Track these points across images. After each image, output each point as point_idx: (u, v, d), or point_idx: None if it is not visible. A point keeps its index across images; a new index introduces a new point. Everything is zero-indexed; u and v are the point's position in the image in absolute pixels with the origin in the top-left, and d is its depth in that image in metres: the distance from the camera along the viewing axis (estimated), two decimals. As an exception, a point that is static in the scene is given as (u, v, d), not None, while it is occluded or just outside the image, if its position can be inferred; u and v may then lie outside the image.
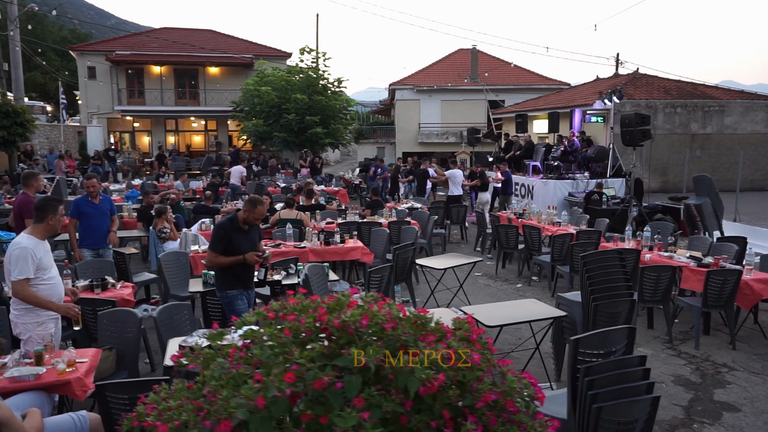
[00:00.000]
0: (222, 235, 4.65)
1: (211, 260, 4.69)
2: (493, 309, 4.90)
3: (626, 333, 3.03)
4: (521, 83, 29.47)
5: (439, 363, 2.07)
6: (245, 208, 4.72)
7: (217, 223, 4.63)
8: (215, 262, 4.68)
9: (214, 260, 4.68)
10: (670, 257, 6.66)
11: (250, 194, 4.76)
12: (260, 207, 4.74)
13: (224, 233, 4.65)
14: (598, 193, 13.20)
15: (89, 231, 6.70)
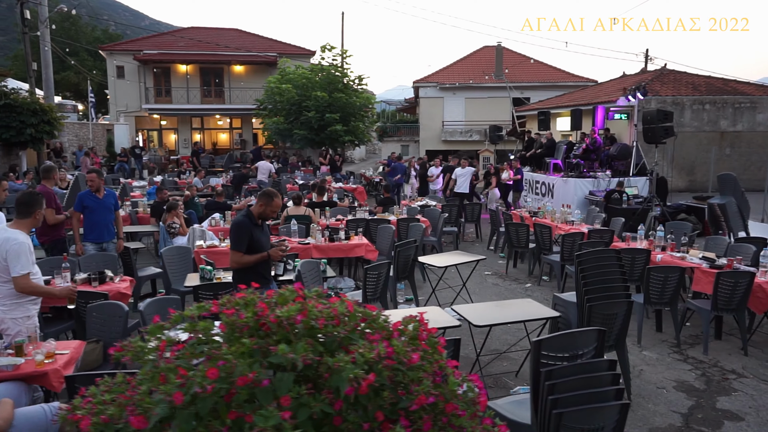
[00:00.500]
0: (244, 232, 4.50)
1: (237, 260, 4.51)
2: (486, 308, 4.76)
3: (595, 335, 2.87)
4: (546, 80, 28.99)
5: (372, 362, 1.98)
6: (261, 202, 4.60)
7: (237, 222, 4.51)
8: (242, 262, 4.51)
9: (240, 260, 4.50)
10: (682, 258, 6.40)
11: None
12: (276, 200, 4.64)
13: (246, 231, 4.50)
14: (619, 192, 12.84)
15: (92, 225, 6.74)
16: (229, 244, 7.44)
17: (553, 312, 4.50)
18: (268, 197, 4.61)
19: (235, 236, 4.53)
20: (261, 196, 4.67)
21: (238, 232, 4.52)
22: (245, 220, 4.55)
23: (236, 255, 4.51)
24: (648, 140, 12.20)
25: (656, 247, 6.92)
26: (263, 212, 4.60)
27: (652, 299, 5.69)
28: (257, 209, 4.61)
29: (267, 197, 4.61)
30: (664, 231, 7.14)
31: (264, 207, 4.59)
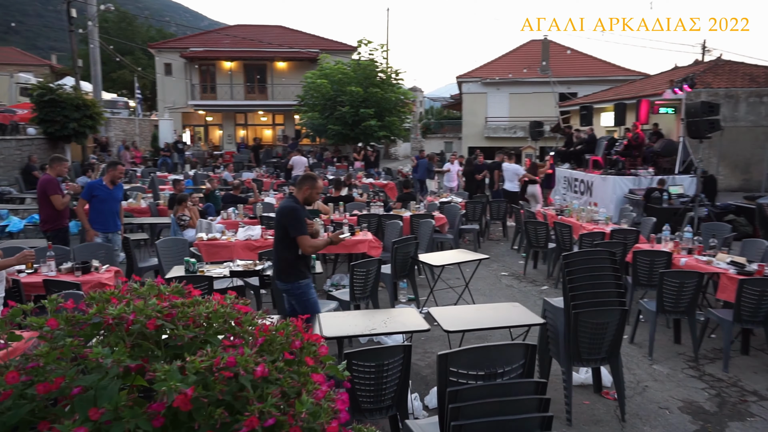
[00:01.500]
0: (303, 217, 4.31)
1: (312, 245, 4.30)
2: (464, 312, 4.35)
3: (522, 351, 2.43)
4: (594, 74, 27.76)
5: (205, 373, 1.67)
6: (306, 186, 4.39)
7: (291, 207, 4.26)
8: (315, 246, 4.35)
9: (313, 244, 4.32)
10: (707, 262, 5.75)
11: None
12: (320, 181, 4.52)
13: (303, 214, 4.33)
14: (659, 191, 11.97)
15: (98, 214, 6.74)
16: (242, 237, 7.38)
17: (538, 319, 4.05)
18: (312, 180, 4.43)
19: (297, 221, 4.23)
20: (304, 179, 4.45)
21: (298, 216, 4.25)
22: (298, 205, 4.34)
23: (307, 239, 4.26)
24: (692, 135, 11.32)
25: (682, 249, 6.27)
26: (309, 196, 4.42)
27: (666, 307, 5.11)
28: (303, 194, 4.39)
29: (311, 180, 4.43)
30: (692, 232, 6.47)
31: (309, 191, 4.39)
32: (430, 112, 59.33)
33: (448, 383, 2.20)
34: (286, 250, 4.33)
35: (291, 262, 4.34)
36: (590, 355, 3.97)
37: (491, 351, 2.40)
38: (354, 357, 3.05)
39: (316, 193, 4.48)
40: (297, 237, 4.24)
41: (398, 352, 3.13)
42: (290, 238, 4.26)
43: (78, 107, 17.23)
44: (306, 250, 4.29)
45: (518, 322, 4.06)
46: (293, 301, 4.46)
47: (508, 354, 2.41)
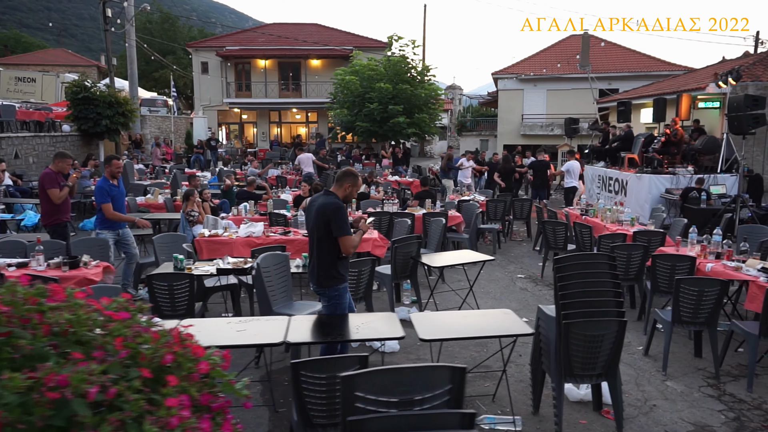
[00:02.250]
0: (347, 215, 4.11)
1: (354, 244, 4.09)
2: (447, 319, 3.99)
3: (448, 375, 2.03)
4: (636, 69, 26.59)
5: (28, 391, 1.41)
6: (348, 183, 4.16)
7: (337, 205, 4.01)
8: (356, 244, 4.15)
9: (355, 243, 4.11)
10: (736, 268, 5.19)
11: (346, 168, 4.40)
12: (360, 177, 4.38)
13: (346, 213, 4.12)
14: (698, 190, 11.20)
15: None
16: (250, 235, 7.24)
17: (527, 329, 3.64)
18: (353, 176, 4.23)
19: (343, 220, 4.00)
20: (345, 175, 4.20)
21: (344, 215, 4.02)
22: (341, 203, 4.10)
23: (351, 240, 4.03)
24: (734, 130, 10.50)
25: (710, 254, 5.71)
26: (349, 194, 4.22)
27: (683, 317, 4.60)
28: (343, 191, 4.16)
29: (353, 176, 4.23)
30: (721, 235, 5.88)
31: (351, 188, 4.20)
32: (469, 110, 58.54)
33: (354, 410, 1.86)
34: (327, 251, 4.05)
35: (332, 264, 4.08)
36: (584, 371, 3.55)
37: (406, 373, 2.02)
38: (302, 367, 2.75)
39: (356, 190, 4.30)
40: (340, 237, 3.99)
41: (353, 363, 2.81)
42: (333, 238, 4.00)
43: (111, 105, 17.55)
44: (348, 251, 4.04)
45: (504, 331, 3.67)
46: (324, 303, 4.21)
47: (428, 378, 2.04)
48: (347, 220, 4.04)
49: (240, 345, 3.48)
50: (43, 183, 6.78)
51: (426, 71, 20.96)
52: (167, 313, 4.80)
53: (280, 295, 4.98)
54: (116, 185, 6.73)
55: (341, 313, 4.11)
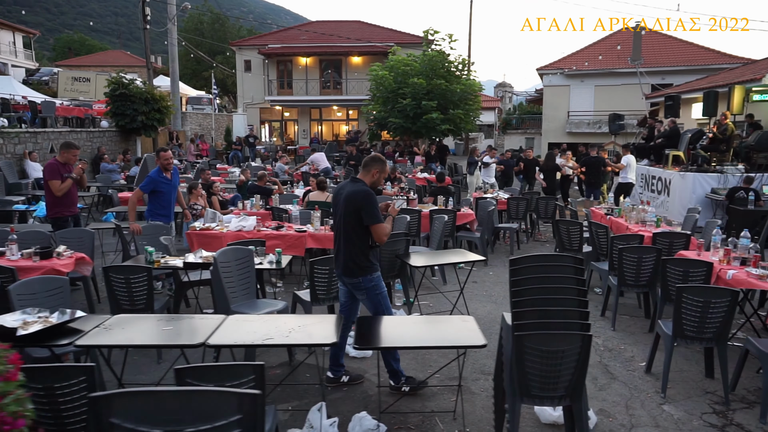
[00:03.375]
0: (377, 202, 3.91)
1: (387, 232, 3.93)
2: (398, 325, 3.54)
3: (235, 402, 1.56)
4: (693, 62, 24.96)
5: None
6: (375, 169, 4.00)
7: (366, 192, 3.86)
8: (389, 232, 3.99)
9: (388, 231, 3.96)
10: (761, 277, 4.48)
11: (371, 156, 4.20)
12: (387, 163, 4.21)
13: (376, 200, 3.94)
14: (745, 190, 10.19)
15: (164, 205, 6.75)
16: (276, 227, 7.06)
17: (480, 340, 3.15)
18: (380, 162, 4.06)
19: (374, 207, 3.84)
20: (372, 161, 4.04)
21: (374, 202, 3.86)
22: (370, 189, 3.94)
23: (383, 228, 3.87)
24: (786, 124, 9.47)
25: (734, 259, 4.99)
26: (377, 180, 4.06)
27: (686, 332, 3.97)
28: (371, 177, 4.01)
29: (380, 162, 4.06)
30: (749, 238, 5.15)
31: (378, 174, 4.04)
32: (519, 108, 57.16)
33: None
34: (358, 240, 3.88)
35: (363, 254, 3.90)
36: (543, 392, 3.03)
37: (172, 398, 1.59)
38: (187, 374, 2.39)
39: (384, 176, 4.15)
40: (372, 225, 3.83)
41: (247, 372, 2.44)
42: (363, 227, 3.85)
43: (147, 101, 17.88)
44: (381, 239, 3.88)
45: (453, 342, 3.19)
46: (362, 297, 4.01)
47: (205, 405, 1.61)
48: (378, 207, 3.87)
49: (154, 345, 3.16)
50: (44, 174, 6.74)
51: (464, 66, 20.29)
52: (126, 307, 4.57)
53: (242, 292, 4.67)
54: (168, 178, 6.72)
55: (385, 302, 3.98)
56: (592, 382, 4.22)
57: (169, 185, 6.73)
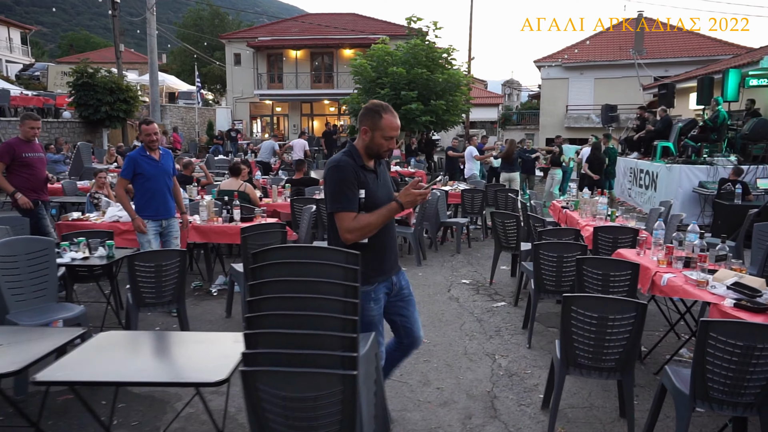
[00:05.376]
0: (350, 178, 2.49)
1: (351, 227, 2.46)
2: (135, 342, 2.50)
3: None
4: (698, 54, 23.54)
5: None
6: (364, 126, 2.56)
7: (333, 165, 2.54)
8: (360, 228, 2.47)
9: (356, 225, 2.46)
10: (700, 283, 3.37)
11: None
12: (388, 116, 2.55)
13: (350, 175, 2.50)
14: (733, 182, 9.00)
15: (149, 196, 4.88)
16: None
17: (220, 374, 2.11)
18: (371, 113, 2.55)
19: (337, 186, 2.49)
20: (362, 116, 2.59)
21: (338, 178, 2.50)
22: (346, 160, 2.54)
23: (346, 219, 2.47)
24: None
25: (677, 259, 3.88)
26: (372, 142, 2.55)
27: (579, 359, 2.88)
28: (361, 142, 2.58)
29: (370, 114, 2.55)
30: (697, 232, 4.02)
31: (371, 132, 2.54)
32: (527, 104, 55.88)
33: None
34: (335, 236, 2.57)
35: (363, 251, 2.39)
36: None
37: None
38: None
39: (383, 137, 2.55)
40: (334, 213, 2.52)
41: None
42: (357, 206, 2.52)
43: (112, 91, 17.06)
44: (344, 236, 2.47)
45: (180, 376, 2.15)
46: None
47: None
48: (344, 188, 2.47)
49: None
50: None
51: (447, 54, 19.14)
52: None
53: (32, 295, 3.67)
54: (155, 159, 4.90)
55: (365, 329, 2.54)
56: (460, 423, 3.15)
57: (156, 168, 4.88)
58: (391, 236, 2.73)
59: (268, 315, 1.93)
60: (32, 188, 5.58)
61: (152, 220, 4.91)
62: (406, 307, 2.84)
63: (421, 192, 2.50)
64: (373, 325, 2.61)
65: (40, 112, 16.61)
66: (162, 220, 4.98)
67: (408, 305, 2.85)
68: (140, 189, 4.90)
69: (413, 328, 2.87)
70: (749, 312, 2.90)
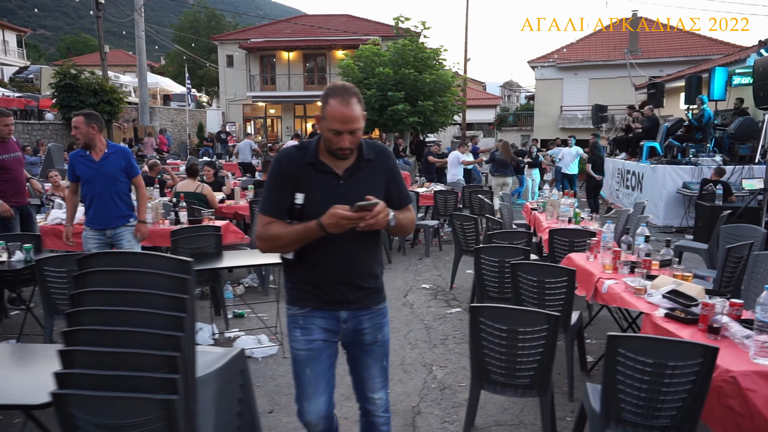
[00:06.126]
0: (279, 175, 2.01)
1: (263, 235, 1.97)
2: None
3: None
4: (695, 54, 23.25)
5: None
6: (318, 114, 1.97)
7: (277, 154, 2.09)
8: (269, 237, 1.96)
9: (265, 234, 1.96)
10: (638, 291, 3.12)
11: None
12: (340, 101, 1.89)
13: (285, 172, 1.99)
14: (715, 183, 8.73)
15: (87, 201, 4.36)
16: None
17: (40, 397, 1.87)
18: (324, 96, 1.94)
19: (264, 189, 2.06)
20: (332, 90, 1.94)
21: (269, 174, 2.06)
22: (289, 153, 2.04)
23: (259, 222, 2.00)
24: (759, 103, 8.01)
25: (623, 265, 3.63)
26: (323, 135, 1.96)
27: (491, 376, 2.63)
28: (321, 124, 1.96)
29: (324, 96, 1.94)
30: (645, 235, 3.77)
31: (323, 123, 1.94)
32: (524, 106, 55.62)
33: None
34: None
35: (285, 268, 2.11)
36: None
37: None
38: None
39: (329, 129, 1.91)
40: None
41: None
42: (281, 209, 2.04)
43: (96, 92, 16.89)
44: (256, 241, 2.01)
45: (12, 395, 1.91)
46: None
47: None
48: (271, 184, 2.01)
49: None
50: None
51: (436, 54, 18.91)
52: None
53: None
54: (93, 159, 4.25)
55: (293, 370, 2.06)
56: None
57: (93, 170, 4.25)
58: (346, 262, 2.01)
59: (88, 330, 1.69)
60: (13, 192, 4.99)
61: (92, 229, 4.34)
62: (363, 357, 2.10)
63: (347, 216, 1.79)
64: (298, 363, 2.01)
65: (23, 114, 16.49)
66: (105, 229, 4.33)
67: (366, 356, 2.10)
68: (82, 193, 4.38)
69: (364, 387, 2.12)
70: (679, 323, 2.65)
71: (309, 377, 2.01)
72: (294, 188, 1.95)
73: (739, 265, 4.17)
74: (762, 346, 2.17)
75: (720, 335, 2.46)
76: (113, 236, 4.37)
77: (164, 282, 1.70)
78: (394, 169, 2.13)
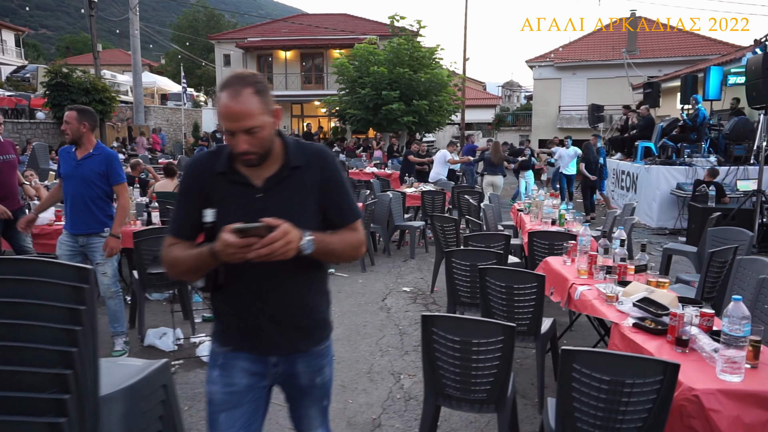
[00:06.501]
0: (185, 188, 1.70)
1: (165, 257, 1.65)
2: None
3: None
4: (694, 53, 23.05)
5: None
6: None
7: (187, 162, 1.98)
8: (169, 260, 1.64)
9: (166, 256, 1.65)
10: (609, 298, 2.96)
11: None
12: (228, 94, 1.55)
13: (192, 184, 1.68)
14: (707, 184, 8.55)
15: (65, 203, 4.04)
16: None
17: None
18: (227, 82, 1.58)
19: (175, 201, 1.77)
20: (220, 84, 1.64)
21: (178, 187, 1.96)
22: (200, 160, 1.72)
23: (165, 242, 1.68)
24: (752, 102, 7.83)
25: (600, 269, 3.46)
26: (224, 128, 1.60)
27: (446, 390, 2.47)
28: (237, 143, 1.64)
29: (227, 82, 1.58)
30: (622, 239, 3.61)
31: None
32: (524, 106, 55.43)
33: None
34: None
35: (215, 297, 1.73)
36: None
37: None
38: None
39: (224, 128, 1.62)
40: None
41: None
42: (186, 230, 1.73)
43: (87, 91, 16.75)
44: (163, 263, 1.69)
45: None
46: None
47: None
48: (178, 199, 1.71)
49: None
50: None
51: (431, 53, 18.76)
52: None
53: None
54: (75, 157, 3.92)
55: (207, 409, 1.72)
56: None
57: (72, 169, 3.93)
58: (271, 294, 1.63)
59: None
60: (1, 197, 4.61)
61: (66, 233, 3.99)
62: (299, 399, 1.78)
63: (230, 243, 1.42)
64: (212, 405, 1.67)
65: (13, 113, 16.35)
66: (77, 235, 3.94)
67: (303, 398, 1.77)
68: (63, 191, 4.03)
69: (300, 424, 1.82)
70: (647, 334, 2.48)
71: (223, 425, 1.65)
72: (204, 203, 1.58)
73: (723, 269, 4.00)
74: (728, 362, 2.01)
75: (688, 348, 2.30)
76: (86, 245, 3.98)
77: (59, 292, 1.54)
78: (333, 177, 1.69)
